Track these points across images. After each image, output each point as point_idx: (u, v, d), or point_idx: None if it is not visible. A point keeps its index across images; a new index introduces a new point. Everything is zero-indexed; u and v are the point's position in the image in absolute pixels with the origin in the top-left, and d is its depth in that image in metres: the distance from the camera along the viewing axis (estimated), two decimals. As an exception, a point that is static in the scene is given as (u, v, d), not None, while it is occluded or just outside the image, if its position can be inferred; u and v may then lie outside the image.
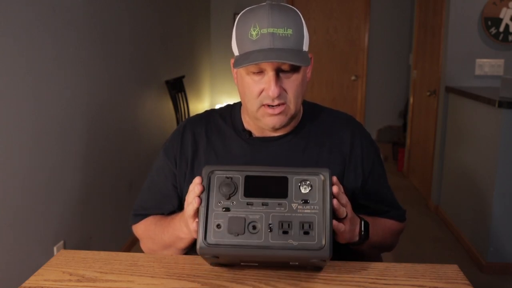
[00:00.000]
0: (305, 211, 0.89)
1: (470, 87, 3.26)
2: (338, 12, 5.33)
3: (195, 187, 0.92)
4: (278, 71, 1.05)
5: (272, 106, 1.08)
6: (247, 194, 0.90)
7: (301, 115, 1.21)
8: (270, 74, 1.05)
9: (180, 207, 1.20)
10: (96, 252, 1.08)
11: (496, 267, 2.71)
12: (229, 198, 0.90)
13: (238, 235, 0.88)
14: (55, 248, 2.20)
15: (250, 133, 1.19)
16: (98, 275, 0.98)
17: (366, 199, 1.20)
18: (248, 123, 1.20)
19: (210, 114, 1.27)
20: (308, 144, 1.18)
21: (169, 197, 1.21)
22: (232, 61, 1.13)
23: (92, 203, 2.55)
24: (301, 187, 0.91)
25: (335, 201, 0.93)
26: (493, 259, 2.71)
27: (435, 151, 3.72)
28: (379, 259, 1.32)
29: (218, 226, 0.89)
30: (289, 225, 0.88)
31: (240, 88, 1.13)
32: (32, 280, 0.96)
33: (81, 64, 2.43)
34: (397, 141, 5.16)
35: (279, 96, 1.06)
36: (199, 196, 0.91)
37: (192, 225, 0.96)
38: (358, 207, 1.16)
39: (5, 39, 1.84)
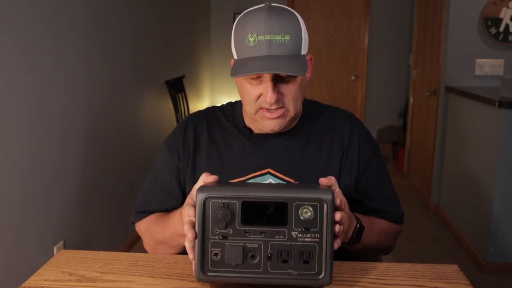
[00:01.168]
0: (305, 239, 0.86)
1: (470, 87, 3.26)
2: (338, 12, 5.33)
3: (189, 212, 0.89)
4: (276, 78, 1.06)
5: (271, 110, 1.09)
6: (244, 221, 0.86)
7: (301, 113, 1.21)
8: (267, 81, 1.06)
9: (184, 201, 1.21)
10: (96, 252, 1.08)
11: (496, 267, 2.71)
12: (226, 227, 0.86)
13: (236, 265, 0.86)
14: (55, 248, 2.20)
15: (250, 130, 1.20)
16: (98, 275, 0.98)
17: (361, 194, 1.20)
18: (248, 121, 1.21)
19: (212, 110, 1.28)
20: (308, 141, 1.19)
21: (173, 191, 1.22)
22: (232, 61, 1.14)
23: (92, 203, 2.55)
24: (301, 214, 0.86)
25: (337, 227, 0.90)
26: (493, 259, 2.71)
27: (435, 151, 3.72)
28: (379, 259, 1.32)
29: (216, 255, 0.87)
30: (288, 254, 0.86)
31: (239, 90, 1.15)
32: (32, 280, 0.96)
33: (81, 64, 2.43)
34: (397, 141, 5.16)
35: (277, 102, 1.07)
36: (193, 224, 0.88)
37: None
38: (354, 203, 1.16)
39: (5, 39, 1.84)
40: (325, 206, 0.85)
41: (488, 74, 3.35)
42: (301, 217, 0.86)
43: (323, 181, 0.95)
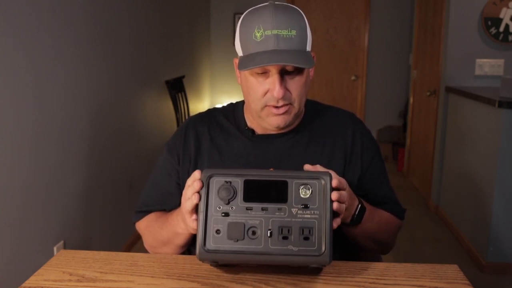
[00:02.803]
0: (305, 216, 0.89)
1: (470, 87, 3.26)
2: (338, 12, 5.33)
3: (194, 182, 0.92)
4: (283, 72, 1.06)
5: (277, 106, 1.09)
6: (246, 198, 0.90)
7: (303, 113, 1.21)
8: (274, 76, 1.06)
9: None
10: (96, 252, 1.08)
11: (496, 267, 2.71)
12: (228, 203, 0.89)
13: (237, 240, 0.88)
14: (55, 248, 2.20)
15: (253, 131, 1.20)
16: (98, 275, 0.98)
17: (364, 193, 1.20)
18: (251, 122, 1.21)
19: (213, 112, 1.28)
20: (310, 141, 1.19)
21: (172, 195, 1.22)
22: (235, 61, 1.14)
23: (92, 203, 2.55)
24: (301, 191, 0.89)
25: (335, 205, 0.93)
26: (493, 259, 2.71)
27: (435, 151, 3.72)
28: (379, 259, 1.32)
29: (218, 231, 0.89)
30: (289, 230, 0.88)
31: (244, 88, 1.14)
32: (32, 280, 0.96)
33: (81, 64, 2.43)
34: (397, 141, 5.16)
35: (283, 97, 1.07)
36: (198, 192, 0.91)
37: (190, 221, 0.96)
38: None
39: (5, 39, 1.84)
40: (323, 183, 0.89)
41: (488, 74, 3.35)
42: (301, 195, 0.89)
43: (307, 167, 0.99)
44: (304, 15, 1.09)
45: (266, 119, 1.12)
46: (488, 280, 2.67)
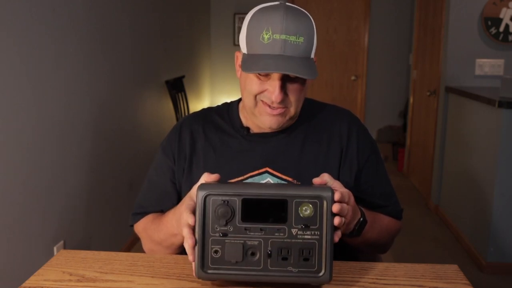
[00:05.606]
0: (305, 236, 0.86)
1: (470, 87, 3.26)
2: (338, 12, 5.33)
3: (188, 219, 0.88)
4: (285, 78, 1.06)
5: (272, 106, 1.09)
6: (244, 218, 0.87)
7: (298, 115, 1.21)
8: (276, 81, 1.06)
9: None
10: (96, 252, 1.08)
11: (496, 267, 2.71)
12: (226, 224, 0.86)
13: (236, 262, 0.87)
14: (55, 248, 2.20)
15: (248, 129, 1.20)
16: (98, 275, 0.98)
17: (361, 191, 1.19)
18: (246, 121, 1.21)
19: (207, 112, 1.28)
20: (306, 139, 1.19)
21: (168, 194, 1.21)
22: (237, 54, 1.13)
23: (92, 203, 2.55)
24: (301, 211, 0.86)
25: (336, 219, 0.88)
26: (493, 259, 2.71)
27: (435, 151, 3.72)
28: (378, 259, 1.32)
29: (216, 252, 0.87)
30: (288, 251, 0.86)
31: (242, 81, 1.14)
32: (32, 280, 0.96)
33: (81, 64, 2.43)
34: (397, 141, 5.16)
35: (281, 102, 1.07)
36: (193, 228, 0.87)
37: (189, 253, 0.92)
38: (355, 200, 1.15)
39: (5, 39, 1.84)
40: (324, 203, 0.86)
41: (488, 74, 3.36)
42: (301, 215, 0.86)
43: (316, 181, 0.95)
44: (313, 22, 1.08)
45: (259, 117, 1.12)
46: (488, 280, 2.67)
